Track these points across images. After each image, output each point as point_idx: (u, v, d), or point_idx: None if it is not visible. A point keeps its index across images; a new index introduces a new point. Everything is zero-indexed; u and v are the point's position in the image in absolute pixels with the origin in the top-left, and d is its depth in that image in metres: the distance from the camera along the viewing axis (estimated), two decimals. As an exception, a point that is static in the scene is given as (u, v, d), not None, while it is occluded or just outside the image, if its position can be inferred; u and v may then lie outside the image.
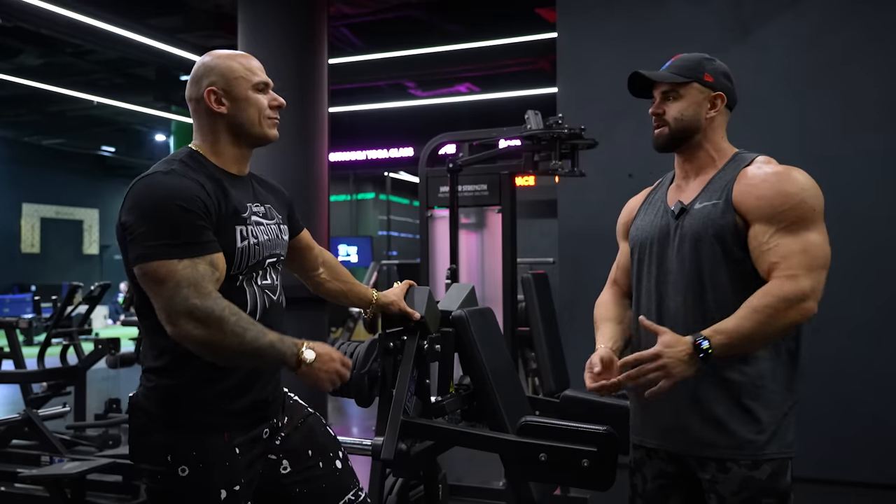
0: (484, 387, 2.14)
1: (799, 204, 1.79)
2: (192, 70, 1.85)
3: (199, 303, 1.59)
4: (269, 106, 1.85)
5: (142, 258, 1.63)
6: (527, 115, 4.20)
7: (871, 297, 4.46)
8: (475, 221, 4.80)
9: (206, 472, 1.71)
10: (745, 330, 1.73)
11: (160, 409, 1.74)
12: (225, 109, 1.81)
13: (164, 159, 1.80)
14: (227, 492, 1.73)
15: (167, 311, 1.61)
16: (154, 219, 1.64)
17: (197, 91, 1.83)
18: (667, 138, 1.95)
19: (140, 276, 1.65)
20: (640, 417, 2.01)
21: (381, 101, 14.35)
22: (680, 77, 1.93)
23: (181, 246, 1.63)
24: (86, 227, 23.12)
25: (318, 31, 6.57)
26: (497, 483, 4.29)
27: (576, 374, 4.84)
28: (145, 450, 1.76)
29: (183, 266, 1.61)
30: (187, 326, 1.59)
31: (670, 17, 4.99)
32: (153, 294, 1.63)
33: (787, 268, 1.75)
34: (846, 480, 4.45)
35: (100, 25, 9.81)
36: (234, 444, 1.76)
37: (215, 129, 1.83)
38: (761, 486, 1.80)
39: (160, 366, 1.74)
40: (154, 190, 1.67)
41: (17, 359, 6.16)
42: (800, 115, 4.66)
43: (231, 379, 1.76)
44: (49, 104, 15.42)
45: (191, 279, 1.60)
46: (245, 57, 1.87)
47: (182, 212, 1.64)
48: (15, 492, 4.17)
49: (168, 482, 1.72)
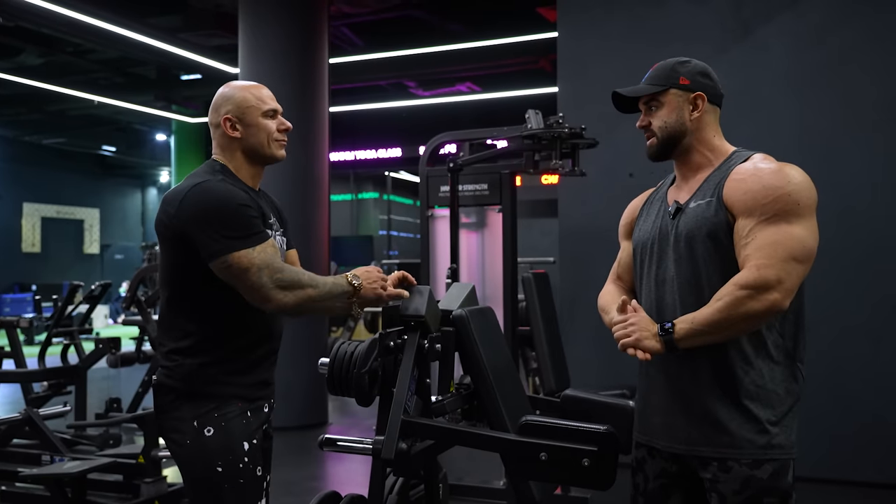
0: (484, 386, 2.13)
1: (782, 197, 1.78)
2: (213, 99, 2.17)
3: (281, 276, 1.94)
4: (277, 129, 2.15)
5: (221, 252, 1.93)
6: (527, 115, 4.21)
7: (871, 295, 4.46)
8: (476, 221, 4.80)
9: (228, 429, 2.01)
10: (706, 317, 1.77)
11: (184, 385, 2.01)
12: (239, 134, 2.12)
13: (203, 171, 2.10)
14: (248, 444, 2.04)
15: (259, 291, 1.93)
16: (222, 218, 1.95)
17: (216, 118, 2.14)
18: (657, 147, 1.98)
19: (222, 269, 1.94)
20: (644, 416, 2.02)
21: (382, 101, 14.36)
22: (655, 87, 1.96)
23: (249, 237, 1.95)
24: (86, 227, 23.13)
25: (319, 30, 6.58)
26: (498, 482, 4.29)
27: (576, 374, 4.85)
28: (174, 422, 2.03)
29: (256, 253, 1.94)
30: (280, 296, 1.93)
31: (671, 16, 4.99)
32: (240, 281, 1.94)
33: (755, 258, 1.76)
34: (847, 480, 4.45)
35: (100, 25, 9.82)
36: (247, 410, 2.06)
37: (233, 150, 2.14)
38: (763, 485, 1.81)
39: (184, 347, 2.02)
40: (214, 195, 1.98)
41: (17, 358, 6.17)
42: (799, 114, 4.66)
43: (240, 362, 2.06)
44: (49, 103, 15.44)
45: (266, 261, 1.94)
46: (257, 87, 2.17)
47: (243, 209, 1.98)
48: (16, 491, 4.18)
49: (196, 444, 1.99)
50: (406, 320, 2.12)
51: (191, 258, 1.98)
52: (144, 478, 4.03)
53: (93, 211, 23.21)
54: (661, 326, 1.83)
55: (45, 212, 21.79)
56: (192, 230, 1.96)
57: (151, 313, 6.19)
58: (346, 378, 2.11)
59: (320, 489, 2.70)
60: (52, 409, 4.52)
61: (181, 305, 2.04)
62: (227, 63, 11.66)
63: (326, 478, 5.06)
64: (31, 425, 4.23)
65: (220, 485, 1.99)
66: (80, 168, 22.19)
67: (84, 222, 23.08)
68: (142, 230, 24.73)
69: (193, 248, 1.97)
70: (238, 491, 2.00)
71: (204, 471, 1.99)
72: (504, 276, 4.49)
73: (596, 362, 4.90)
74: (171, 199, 2.02)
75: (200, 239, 1.95)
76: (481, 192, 4.64)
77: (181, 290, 2.05)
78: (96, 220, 23.34)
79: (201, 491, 2.02)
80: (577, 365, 4.90)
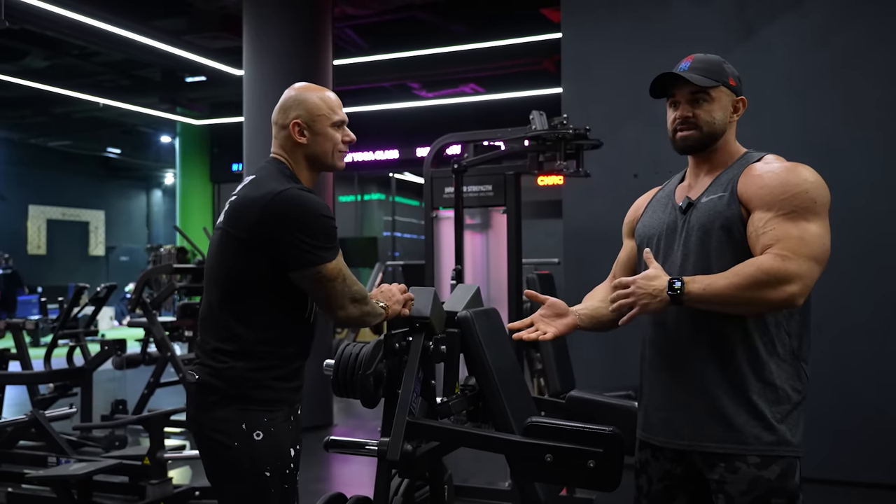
0: (489, 387, 2.14)
1: (800, 194, 1.79)
2: (282, 97, 2.15)
3: (357, 289, 2.05)
4: (342, 141, 2.16)
5: (317, 261, 1.98)
6: (532, 116, 4.21)
7: (873, 294, 4.46)
8: (480, 222, 4.80)
9: (276, 434, 2.03)
10: (720, 287, 1.75)
11: (232, 387, 2.02)
12: (305, 140, 2.11)
13: (276, 174, 2.07)
14: (294, 450, 2.08)
15: (337, 301, 2.02)
16: (314, 228, 1.98)
17: (284, 119, 2.13)
18: (696, 140, 1.93)
19: (314, 278, 1.99)
20: (647, 413, 2.02)
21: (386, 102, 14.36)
22: (711, 80, 1.92)
23: (334, 248, 2.02)
24: (92, 229, 23.15)
25: (323, 32, 6.58)
26: (503, 484, 4.29)
27: (581, 375, 4.85)
28: (218, 422, 2.02)
29: (341, 262, 2.03)
30: (350, 308, 2.04)
31: (674, 17, 4.99)
32: (325, 289, 2.00)
33: (780, 248, 1.75)
34: (850, 481, 4.44)
35: (105, 27, 9.83)
36: (290, 415, 2.11)
37: (296, 155, 2.14)
38: (770, 485, 1.80)
39: (232, 349, 2.02)
40: (304, 204, 1.99)
41: (23, 360, 6.18)
42: (802, 115, 4.66)
43: (286, 368, 2.09)
44: (55, 106, 15.46)
45: (347, 273, 2.04)
46: (328, 95, 2.15)
47: (329, 220, 2.02)
48: (22, 492, 4.19)
49: (245, 447, 2.00)
50: (411, 322, 2.13)
51: (260, 264, 2.00)
52: (150, 479, 4.04)
53: (98, 213, 23.23)
54: (671, 283, 1.77)
55: (51, 214, 21.82)
56: (280, 237, 1.96)
57: (157, 315, 6.20)
58: (351, 379, 2.12)
59: (325, 491, 2.70)
60: (58, 411, 4.53)
61: (233, 308, 2.03)
62: (232, 65, 11.67)
63: (331, 479, 5.07)
64: (37, 427, 4.24)
65: (266, 489, 2.00)
66: (85, 170, 22.20)
67: (89, 224, 23.10)
68: (147, 232, 24.75)
69: (267, 255, 1.98)
70: (282, 495, 2.03)
71: (252, 474, 2.00)
72: (509, 277, 4.49)
73: (601, 363, 4.90)
74: (252, 201, 2.01)
75: (289, 248, 1.96)
76: (486, 194, 4.64)
77: (236, 293, 2.04)
78: (101, 222, 23.36)
79: (246, 493, 2.02)
80: (581, 366, 4.90)
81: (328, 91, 2.16)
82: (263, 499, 2.00)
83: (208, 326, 2.09)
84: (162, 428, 4.20)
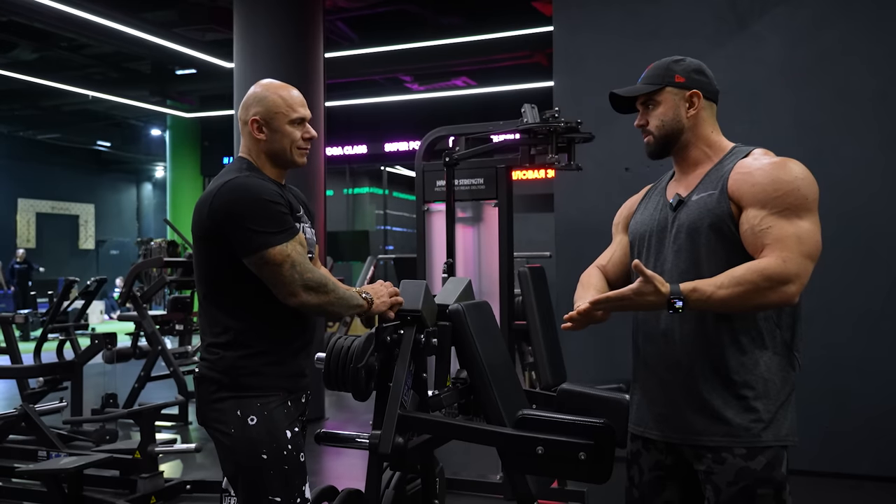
0: (481, 380, 2.14)
1: (793, 191, 1.80)
2: (245, 95, 2.20)
3: (310, 276, 2.02)
4: (302, 138, 2.18)
5: (259, 247, 1.98)
6: (523, 109, 4.20)
7: (867, 288, 4.47)
8: (472, 215, 4.79)
9: (271, 418, 2.07)
10: (724, 298, 1.75)
11: (226, 377, 2.07)
12: (264, 137, 2.15)
13: (232, 169, 2.14)
14: (290, 432, 2.10)
15: (288, 287, 2.00)
16: (255, 214, 1.99)
17: (245, 115, 2.18)
18: (655, 146, 2.00)
19: (259, 264, 1.99)
20: (639, 408, 2.03)
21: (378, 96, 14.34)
22: (651, 86, 1.97)
23: (283, 232, 2.01)
24: (81, 223, 23.06)
25: (314, 24, 6.56)
26: (494, 476, 4.30)
27: (573, 368, 4.85)
28: (217, 413, 2.08)
29: (290, 248, 2.00)
30: (305, 296, 2.01)
31: (666, 10, 4.99)
32: (273, 275, 1.99)
33: (780, 249, 1.76)
34: (842, 473, 4.47)
35: (95, 19, 9.78)
36: (287, 399, 2.13)
37: (257, 150, 2.18)
38: (757, 476, 1.82)
39: (224, 341, 2.08)
40: (245, 191, 2.02)
41: (13, 354, 6.16)
42: (795, 108, 4.66)
43: (278, 353, 2.11)
44: (44, 99, 15.40)
45: (298, 258, 2.01)
46: (289, 92, 2.18)
47: (274, 204, 2.02)
48: (12, 487, 4.18)
49: (241, 432, 2.05)
50: (402, 315, 2.13)
51: (224, 255, 2.04)
52: (141, 473, 4.03)
53: (88, 206, 23.14)
54: (671, 304, 1.74)
55: (40, 207, 21.71)
56: (227, 227, 2.01)
57: (147, 309, 6.18)
58: (342, 373, 2.12)
59: (317, 484, 2.70)
60: (48, 405, 4.51)
61: (217, 301, 2.10)
62: (222, 58, 11.63)
63: (323, 472, 5.07)
64: (27, 421, 4.22)
65: (265, 471, 2.05)
66: (75, 163, 22.11)
67: (79, 218, 23.01)
68: (137, 226, 24.67)
69: (227, 246, 2.02)
70: (283, 476, 2.07)
71: (249, 459, 2.05)
72: (500, 270, 4.49)
73: (592, 356, 4.91)
74: (203, 199, 2.07)
75: (235, 235, 2.00)
76: (477, 187, 4.63)
77: (216, 286, 2.11)
78: (91, 215, 23.27)
79: (248, 478, 2.06)
80: (573, 359, 4.90)
81: (291, 89, 2.20)
82: (264, 480, 2.05)
83: (203, 322, 2.15)
84: (153, 422, 4.19)
